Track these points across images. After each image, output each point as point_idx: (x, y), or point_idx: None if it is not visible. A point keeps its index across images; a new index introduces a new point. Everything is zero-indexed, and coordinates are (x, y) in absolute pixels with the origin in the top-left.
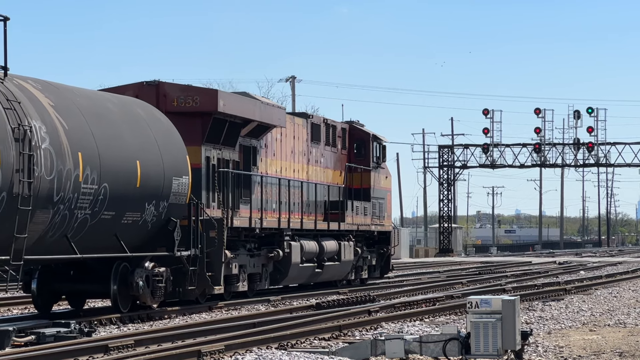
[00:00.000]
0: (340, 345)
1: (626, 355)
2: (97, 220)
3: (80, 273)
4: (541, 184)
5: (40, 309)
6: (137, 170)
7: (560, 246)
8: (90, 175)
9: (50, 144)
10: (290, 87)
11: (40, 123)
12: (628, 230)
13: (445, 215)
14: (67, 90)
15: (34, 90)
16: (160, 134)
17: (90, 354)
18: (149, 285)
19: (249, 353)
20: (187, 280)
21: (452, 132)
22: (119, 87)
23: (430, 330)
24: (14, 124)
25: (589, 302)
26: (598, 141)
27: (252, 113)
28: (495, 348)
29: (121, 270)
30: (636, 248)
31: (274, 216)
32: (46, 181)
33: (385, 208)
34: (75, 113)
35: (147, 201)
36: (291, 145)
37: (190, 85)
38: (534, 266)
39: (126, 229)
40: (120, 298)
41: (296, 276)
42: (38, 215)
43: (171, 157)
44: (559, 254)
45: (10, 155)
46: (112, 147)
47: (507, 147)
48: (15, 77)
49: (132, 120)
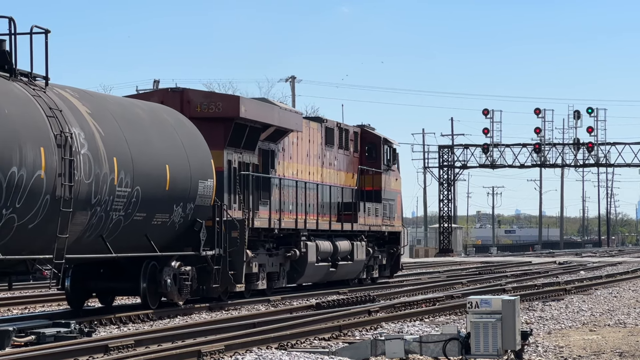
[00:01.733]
0: (340, 345)
1: (626, 355)
2: (130, 221)
3: (110, 271)
4: (541, 184)
5: (72, 306)
6: (167, 174)
7: (560, 246)
8: (124, 178)
9: (88, 150)
10: (290, 87)
11: (79, 130)
12: (628, 230)
13: (445, 215)
14: (101, 97)
15: (72, 98)
16: (187, 139)
17: (90, 354)
18: (176, 283)
19: (249, 353)
20: (212, 279)
21: (452, 132)
22: (144, 94)
23: (430, 330)
24: (56, 131)
25: (589, 302)
26: (598, 141)
27: (271, 118)
28: (495, 348)
29: (150, 269)
30: (636, 248)
31: (291, 217)
32: (85, 184)
33: (396, 209)
34: (109, 120)
35: (175, 203)
36: (307, 149)
37: (213, 92)
38: (534, 266)
39: (156, 229)
40: (149, 295)
41: (312, 275)
42: (77, 216)
43: (197, 161)
44: (559, 254)
45: (53, 161)
46: (143, 152)
47: (507, 147)
48: (55, 86)
49: (160, 126)
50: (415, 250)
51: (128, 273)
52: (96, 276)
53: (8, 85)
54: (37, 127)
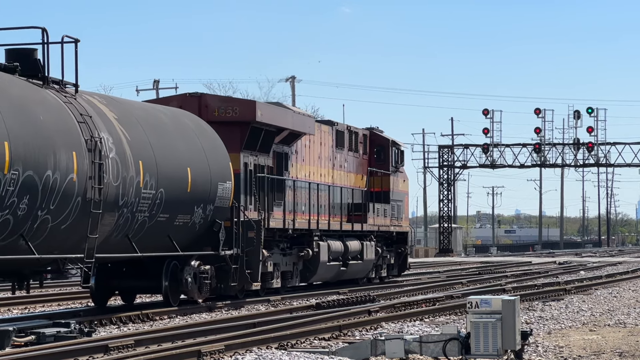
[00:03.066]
0: (340, 345)
1: (626, 355)
2: (154, 222)
3: (132, 270)
4: (541, 184)
5: (97, 303)
6: (188, 176)
7: (560, 246)
8: (149, 181)
9: (116, 154)
10: (290, 87)
11: (107, 135)
12: (628, 230)
13: (445, 215)
14: (127, 103)
15: (100, 104)
16: (207, 143)
17: (90, 354)
18: (196, 282)
19: (249, 353)
20: (230, 277)
21: (452, 132)
22: (164, 98)
23: (430, 330)
24: (87, 136)
25: (589, 302)
26: (598, 141)
27: (285, 122)
28: (495, 348)
29: (172, 268)
30: (636, 248)
31: (304, 218)
32: (113, 187)
33: (403, 210)
34: (135, 125)
35: (196, 204)
36: (318, 151)
37: (230, 97)
38: (534, 266)
39: (178, 230)
40: (171, 293)
41: (324, 274)
42: (106, 217)
43: (216, 164)
44: (559, 254)
45: (84, 164)
46: (167, 156)
47: (507, 147)
48: (84, 93)
49: (182, 131)
50: (415, 250)
51: (150, 272)
52: (119, 275)
53: (42, 93)
54: (69, 133)
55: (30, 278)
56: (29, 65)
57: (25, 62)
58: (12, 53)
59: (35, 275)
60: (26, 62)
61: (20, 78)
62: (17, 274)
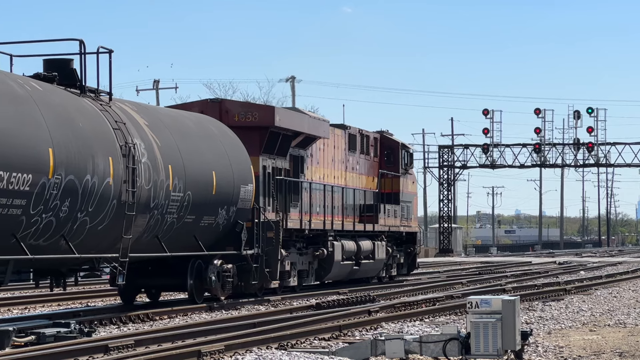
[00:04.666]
0: (340, 345)
1: (626, 355)
2: (181, 223)
3: (158, 269)
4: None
5: (125, 301)
6: (213, 179)
7: (560, 246)
8: (178, 184)
9: (148, 159)
10: (290, 87)
11: (139, 140)
12: (628, 230)
13: (445, 215)
14: (155, 110)
15: (131, 111)
16: (229, 147)
17: (90, 354)
18: (219, 280)
19: (249, 353)
20: (251, 276)
21: (452, 132)
22: (186, 104)
23: (430, 330)
24: (121, 142)
25: (589, 302)
26: (598, 141)
27: (301, 126)
28: (495, 348)
29: (197, 267)
30: (636, 248)
31: (319, 218)
32: (145, 190)
33: (412, 210)
34: (164, 131)
35: (220, 206)
36: (332, 154)
37: (250, 102)
38: (534, 266)
39: (203, 230)
40: (196, 291)
41: (338, 273)
42: (138, 219)
43: (239, 167)
44: (559, 254)
45: (119, 169)
46: (194, 160)
47: (507, 147)
48: (117, 100)
49: (207, 136)
50: None
51: (174, 270)
52: (145, 274)
53: (80, 101)
54: (105, 139)
55: (67, 276)
56: (66, 74)
57: (62, 71)
58: (50, 63)
59: (71, 273)
60: (63, 71)
61: (59, 87)
62: (55, 272)
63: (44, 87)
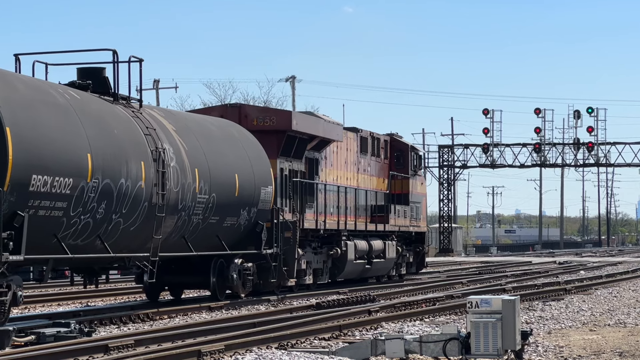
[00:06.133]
0: (340, 345)
1: (626, 355)
2: (206, 224)
3: (181, 267)
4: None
5: (150, 298)
6: (236, 182)
7: (560, 246)
8: (204, 187)
9: (176, 162)
10: (290, 87)
11: (168, 145)
12: (628, 230)
13: (445, 215)
14: (181, 115)
15: (160, 117)
16: (251, 151)
17: (90, 354)
18: (240, 278)
19: (249, 353)
20: (270, 274)
21: (452, 132)
22: (206, 109)
23: (430, 330)
24: (152, 147)
25: (589, 302)
26: (598, 141)
27: (316, 130)
28: (495, 348)
29: (219, 265)
30: (636, 248)
31: (333, 219)
32: (174, 193)
33: (421, 211)
34: (190, 135)
35: (242, 208)
36: (345, 157)
37: (268, 107)
38: (534, 266)
39: (226, 230)
40: (218, 288)
41: (351, 271)
42: (167, 220)
43: (259, 170)
44: (559, 254)
45: (150, 173)
46: (218, 164)
47: (507, 147)
48: (146, 107)
49: (229, 140)
50: None
51: (197, 269)
52: (169, 272)
53: (113, 109)
54: (138, 144)
55: (99, 274)
56: (99, 82)
57: (95, 79)
58: (84, 71)
59: (103, 272)
60: (96, 79)
61: (94, 95)
62: (88, 270)
63: (81, 95)
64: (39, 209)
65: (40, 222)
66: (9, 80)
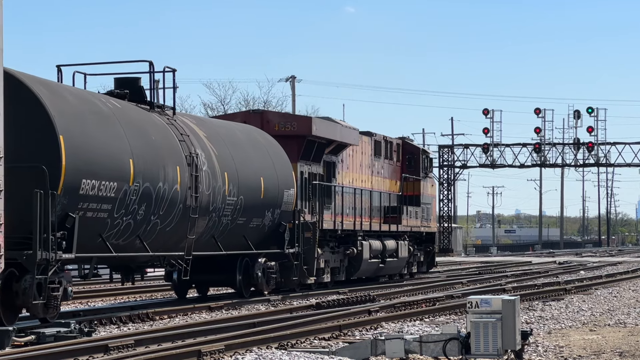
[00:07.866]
0: (340, 345)
1: (626, 355)
2: (234, 224)
3: (208, 266)
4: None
5: (179, 295)
6: (261, 185)
7: (560, 246)
8: (232, 190)
9: (208, 167)
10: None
11: (200, 151)
12: (628, 230)
13: (445, 215)
14: (210, 122)
15: (192, 124)
16: (274, 155)
17: (90, 354)
18: (264, 276)
19: (249, 353)
20: (292, 272)
21: (452, 132)
22: (229, 114)
23: (430, 330)
24: (186, 152)
25: (589, 302)
26: (598, 141)
27: (334, 135)
28: (495, 348)
29: (244, 264)
30: (636, 248)
31: (349, 219)
32: (206, 195)
33: (432, 212)
34: (219, 141)
35: (266, 209)
36: (360, 160)
37: (288, 113)
38: (534, 266)
39: (252, 231)
40: (244, 286)
41: (366, 270)
42: (199, 221)
43: (282, 173)
44: (559, 254)
45: (185, 177)
46: (245, 168)
47: (507, 147)
48: (179, 114)
49: (254, 145)
50: None
51: (223, 267)
52: (196, 270)
53: (150, 116)
54: (173, 150)
55: (136, 272)
56: (135, 91)
57: (131, 88)
58: (121, 81)
59: (139, 270)
60: (132, 88)
61: (131, 103)
62: (125, 268)
63: (121, 104)
64: (87, 211)
65: (88, 222)
66: (60, 92)
